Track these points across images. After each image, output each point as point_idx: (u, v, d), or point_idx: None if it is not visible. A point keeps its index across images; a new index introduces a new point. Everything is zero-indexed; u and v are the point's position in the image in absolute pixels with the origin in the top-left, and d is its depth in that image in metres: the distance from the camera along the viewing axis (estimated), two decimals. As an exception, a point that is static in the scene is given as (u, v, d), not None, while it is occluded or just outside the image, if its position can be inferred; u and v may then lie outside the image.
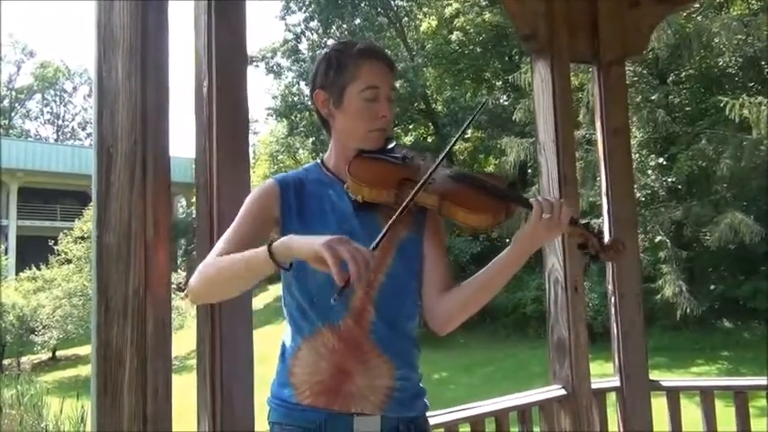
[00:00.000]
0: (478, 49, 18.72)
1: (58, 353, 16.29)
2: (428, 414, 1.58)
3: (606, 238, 1.46)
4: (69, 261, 16.22)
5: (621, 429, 2.91)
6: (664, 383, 3.03)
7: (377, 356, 1.44)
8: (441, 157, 1.43)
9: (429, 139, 19.75)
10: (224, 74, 1.82)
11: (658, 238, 12.84)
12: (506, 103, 18.22)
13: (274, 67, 21.91)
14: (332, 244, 1.15)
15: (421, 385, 1.54)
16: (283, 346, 1.51)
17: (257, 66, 21.78)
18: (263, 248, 1.25)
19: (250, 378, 1.78)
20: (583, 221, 1.46)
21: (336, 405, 1.42)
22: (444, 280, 1.53)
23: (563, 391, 2.73)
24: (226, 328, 1.70)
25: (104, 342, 1.41)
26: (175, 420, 1.55)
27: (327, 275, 1.38)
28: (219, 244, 1.43)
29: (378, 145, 1.52)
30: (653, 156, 13.77)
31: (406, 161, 1.49)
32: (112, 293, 1.41)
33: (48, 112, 42.84)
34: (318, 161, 1.60)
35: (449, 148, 1.48)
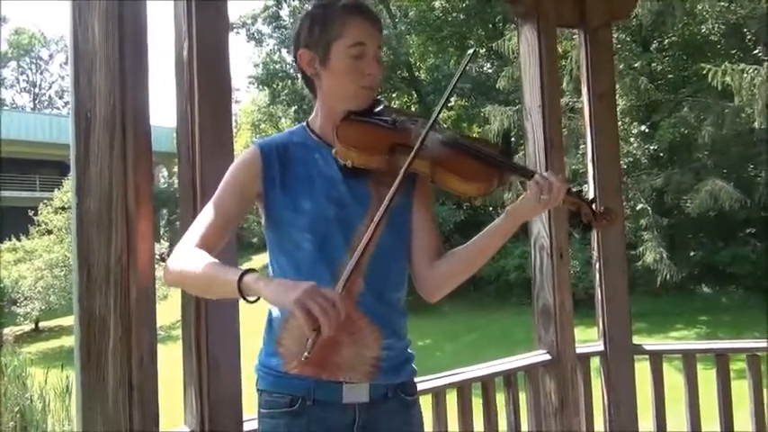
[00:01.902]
0: (462, 16, 18.53)
1: (41, 324, 16.20)
2: (416, 380, 1.58)
3: (597, 207, 1.44)
4: (50, 232, 16.04)
5: (605, 392, 2.96)
6: (647, 347, 3.07)
7: (366, 326, 1.43)
8: (431, 120, 1.39)
9: (413, 108, 19.63)
10: (205, 37, 1.77)
11: (640, 205, 12.97)
12: (490, 70, 18.12)
13: (255, 34, 21.56)
14: (302, 299, 1.13)
15: (409, 351, 1.54)
16: (270, 314, 1.48)
17: (238, 33, 21.43)
18: (234, 278, 1.22)
19: (236, 346, 1.77)
20: (575, 189, 1.44)
21: (324, 375, 1.41)
22: (434, 247, 1.52)
23: (548, 356, 2.76)
24: (211, 295, 1.67)
25: (87, 310, 1.38)
26: (163, 390, 1.53)
27: (316, 249, 1.39)
28: (202, 223, 1.39)
29: (366, 104, 1.48)
30: (635, 123, 13.83)
31: (396, 125, 1.45)
32: (94, 260, 1.38)
33: (24, 80, 42.04)
34: (304, 123, 1.54)
35: (440, 108, 1.42)
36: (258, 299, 1.23)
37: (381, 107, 1.50)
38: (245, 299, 1.23)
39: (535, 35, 2.83)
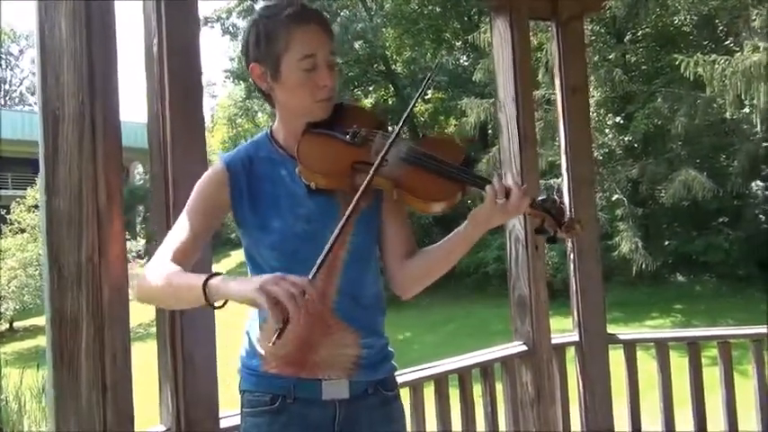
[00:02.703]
0: (438, 9, 18.53)
1: (16, 324, 15.97)
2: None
3: (565, 216, 1.37)
4: (23, 230, 15.79)
5: (581, 382, 2.99)
6: (621, 336, 3.12)
7: (342, 329, 1.43)
8: (389, 141, 1.35)
9: (390, 101, 19.61)
10: (174, 32, 1.76)
11: (615, 196, 13.11)
12: (466, 63, 18.15)
13: (230, 28, 21.35)
14: (266, 286, 1.11)
15: (389, 348, 1.54)
16: (249, 318, 1.49)
17: (212, 27, 21.21)
18: (199, 285, 1.20)
19: (212, 342, 1.76)
20: (540, 198, 1.38)
21: (304, 373, 1.42)
22: (406, 245, 1.51)
23: (524, 347, 2.78)
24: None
25: (59, 310, 1.37)
26: (143, 388, 1.52)
27: (285, 267, 1.29)
28: (172, 241, 1.38)
29: (325, 115, 1.43)
30: (610, 115, 13.97)
31: (356, 139, 1.41)
32: (65, 260, 1.36)
33: (-7, 76, 41.18)
34: (267, 132, 1.51)
35: (398, 128, 1.37)
36: (224, 304, 1.21)
37: (343, 111, 1.46)
38: (210, 305, 1.21)
39: (508, 28, 2.85)
